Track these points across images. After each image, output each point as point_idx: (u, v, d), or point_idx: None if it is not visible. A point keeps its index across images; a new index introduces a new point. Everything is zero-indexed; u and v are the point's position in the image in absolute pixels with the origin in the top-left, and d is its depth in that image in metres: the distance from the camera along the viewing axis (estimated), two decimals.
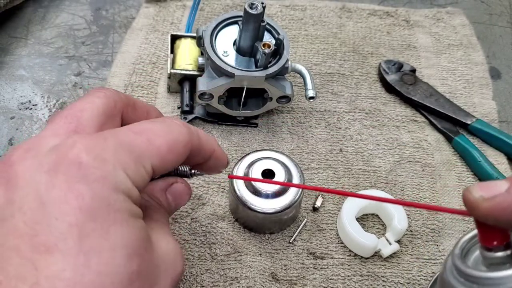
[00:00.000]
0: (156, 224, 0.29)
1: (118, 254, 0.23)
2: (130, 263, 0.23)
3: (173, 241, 0.29)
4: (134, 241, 0.24)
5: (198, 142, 0.31)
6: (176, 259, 0.27)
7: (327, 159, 0.52)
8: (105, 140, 0.25)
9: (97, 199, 0.23)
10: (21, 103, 0.56)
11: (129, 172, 0.25)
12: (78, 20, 0.65)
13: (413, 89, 0.58)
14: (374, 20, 0.66)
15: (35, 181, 0.24)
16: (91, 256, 0.22)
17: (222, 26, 0.50)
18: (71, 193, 0.23)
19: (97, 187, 0.23)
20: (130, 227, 0.24)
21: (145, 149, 0.27)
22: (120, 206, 0.24)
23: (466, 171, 0.52)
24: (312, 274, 0.45)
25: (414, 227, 0.48)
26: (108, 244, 0.23)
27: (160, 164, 0.28)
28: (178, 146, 0.29)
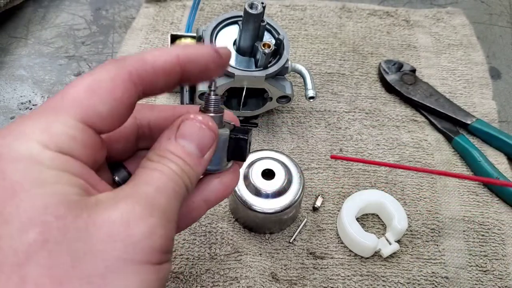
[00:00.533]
0: (123, 190, 0.25)
1: (11, 226, 0.22)
2: (26, 232, 0.22)
3: (129, 206, 0.24)
4: (33, 209, 0.22)
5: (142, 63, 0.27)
6: (128, 226, 0.23)
7: (327, 159, 0.52)
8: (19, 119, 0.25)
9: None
10: (21, 103, 0.56)
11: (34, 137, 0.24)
12: (78, 20, 0.65)
13: (413, 89, 0.58)
14: (374, 20, 0.66)
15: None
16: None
17: (222, 26, 0.50)
18: None
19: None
20: (30, 196, 0.22)
21: (57, 107, 0.25)
22: (18, 177, 0.23)
23: (466, 171, 0.52)
24: (312, 274, 0.45)
25: (414, 227, 0.48)
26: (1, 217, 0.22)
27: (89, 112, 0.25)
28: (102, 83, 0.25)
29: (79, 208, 0.23)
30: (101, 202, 0.24)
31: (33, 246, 0.21)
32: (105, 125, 0.26)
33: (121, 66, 0.26)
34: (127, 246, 0.23)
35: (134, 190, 0.25)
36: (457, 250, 0.47)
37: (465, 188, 0.51)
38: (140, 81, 0.26)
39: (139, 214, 0.24)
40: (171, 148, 0.27)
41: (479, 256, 0.46)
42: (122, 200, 0.24)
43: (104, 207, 0.24)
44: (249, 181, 0.44)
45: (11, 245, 0.21)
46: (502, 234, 0.48)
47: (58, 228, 0.22)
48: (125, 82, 0.26)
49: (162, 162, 0.27)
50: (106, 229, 0.23)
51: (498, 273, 0.45)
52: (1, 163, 0.23)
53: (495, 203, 0.50)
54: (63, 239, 0.22)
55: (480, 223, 0.48)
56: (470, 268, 0.46)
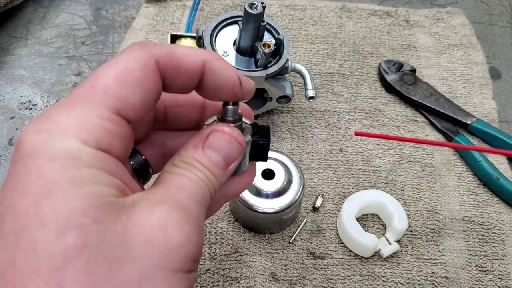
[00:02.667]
0: (156, 193, 0.25)
1: (47, 229, 0.21)
2: (63, 236, 0.21)
3: (166, 211, 0.24)
4: (71, 211, 0.21)
5: (170, 56, 0.26)
6: (166, 232, 0.23)
7: (327, 159, 0.52)
8: (48, 111, 0.24)
9: (30, 173, 0.22)
10: (21, 103, 0.56)
11: (72, 132, 0.23)
12: (78, 20, 0.65)
13: (413, 89, 0.58)
14: (374, 20, 0.66)
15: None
16: (20, 235, 0.21)
17: (222, 26, 0.50)
18: (10, 174, 0.23)
19: (29, 161, 0.22)
20: (67, 197, 0.21)
21: (90, 98, 0.24)
22: (55, 176, 0.22)
23: (466, 171, 0.52)
24: (312, 274, 0.45)
25: (414, 227, 0.48)
26: (36, 219, 0.21)
27: (121, 104, 0.24)
28: (133, 73, 0.24)
29: (117, 210, 0.23)
30: (137, 204, 0.24)
31: (71, 250, 0.21)
32: (137, 115, 0.25)
33: (149, 54, 0.25)
34: (163, 252, 0.22)
35: (168, 195, 0.25)
36: (457, 250, 0.47)
37: (465, 188, 0.51)
38: (163, 72, 0.26)
39: (176, 220, 0.23)
40: (198, 157, 0.27)
41: (479, 256, 0.46)
42: (158, 204, 0.24)
43: (141, 210, 0.23)
44: None
45: (48, 248, 0.21)
46: (502, 234, 0.48)
47: (97, 232, 0.21)
48: (154, 71, 0.25)
49: (189, 170, 0.26)
50: (144, 234, 0.22)
51: (498, 273, 0.45)
52: (37, 160, 0.22)
53: (495, 203, 0.50)
54: (101, 244, 0.21)
55: (480, 223, 0.48)
56: (470, 268, 0.46)
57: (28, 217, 0.21)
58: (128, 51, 0.25)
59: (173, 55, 0.26)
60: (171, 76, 0.26)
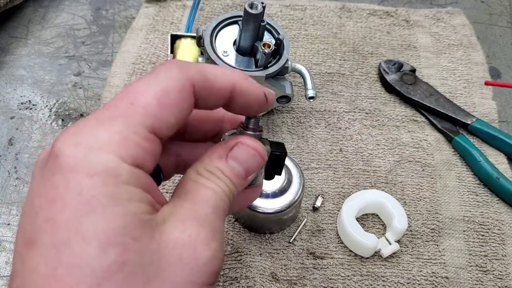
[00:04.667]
0: (183, 207, 0.26)
1: (89, 246, 0.22)
2: (105, 253, 0.22)
3: (195, 229, 0.25)
4: (112, 229, 0.22)
5: (204, 79, 0.27)
6: (195, 250, 0.24)
7: (327, 159, 0.52)
8: (85, 124, 0.24)
9: (70, 188, 0.22)
10: (21, 103, 0.56)
11: (111, 149, 0.23)
12: (78, 20, 0.65)
13: (413, 89, 0.58)
14: (374, 20, 0.66)
15: (33, 178, 0.25)
16: (61, 249, 0.22)
17: (222, 26, 0.50)
18: (48, 186, 0.23)
19: (70, 176, 0.23)
20: (108, 214, 0.22)
21: (130, 115, 0.24)
22: (95, 192, 0.22)
23: (466, 171, 0.52)
24: (312, 274, 0.45)
25: (414, 227, 0.48)
26: (78, 235, 0.22)
27: (158, 123, 0.25)
28: (172, 95, 0.25)
29: (151, 228, 0.24)
30: (167, 220, 0.25)
31: (112, 267, 0.22)
32: (170, 134, 0.26)
33: (186, 77, 0.26)
34: (193, 269, 0.24)
35: (195, 210, 0.26)
36: (457, 250, 0.47)
37: (465, 188, 0.51)
38: (197, 95, 0.27)
39: (204, 238, 0.25)
40: (222, 167, 0.28)
41: (479, 256, 0.46)
42: (187, 221, 0.25)
43: (173, 227, 0.25)
44: None
45: (90, 264, 0.21)
46: (502, 234, 0.48)
47: (136, 250, 0.22)
48: (190, 94, 0.26)
49: (213, 180, 0.28)
50: (176, 252, 0.24)
51: (498, 273, 0.45)
52: (77, 176, 0.23)
53: (495, 203, 0.50)
54: (139, 262, 0.22)
55: (480, 223, 0.48)
56: (470, 268, 0.46)
57: (69, 232, 0.22)
58: (166, 70, 0.26)
59: (207, 78, 0.27)
60: (204, 97, 0.27)
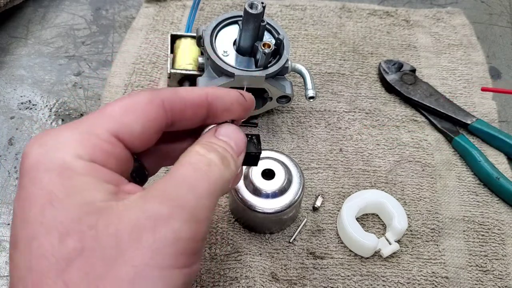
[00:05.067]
0: (155, 188, 0.26)
1: (51, 236, 0.24)
2: (65, 242, 0.24)
3: (156, 209, 0.25)
4: (69, 219, 0.24)
5: (175, 95, 0.29)
6: (155, 231, 0.24)
7: (327, 159, 0.52)
8: (54, 129, 0.27)
9: (34, 185, 0.25)
10: (21, 103, 0.56)
11: (71, 147, 0.26)
12: (78, 20, 0.65)
13: (413, 89, 0.58)
14: (374, 20, 0.66)
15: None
16: (31, 242, 0.24)
17: (222, 26, 0.50)
18: (20, 188, 0.26)
19: (34, 174, 0.25)
20: (64, 205, 0.24)
21: (95, 119, 0.27)
22: (53, 186, 0.25)
23: (466, 171, 0.52)
24: (312, 274, 0.45)
25: (414, 227, 0.48)
26: (42, 227, 0.24)
27: (122, 129, 0.27)
28: (138, 104, 0.28)
29: (109, 214, 0.25)
30: (130, 204, 0.25)
31: (72, 253, 0.23)
32: (135, 143, 0.28)
33: (156, 94, 0.29)
34: (153, 252, 0.24)
35: (165, 189, 0.26)
36: (457, 250, 0.47)
37: (465, 188, 0.51)
38: (170, 109, 0.29)
39: (166, 217, 0.25)
40: (213, 140, 0.30)
41: (479, 256, 0.46)
42: (150, 201, 0.25)
43: (134, 208, 0.25)
44: (249, 181, 0.44)
45: (54, 253, 0.23)
46: (502, 234, 0.48)
47: (92, 236, 0.24)
48: (159, 107, 0.28)
49: (202, 153, 0.29)
50: (134, 234, 0.24)
51: (498, 273, 0.45)
52: (38, 172, 0.25)
53: (495, 203, 0.50)
54: (97, 246, 0.24)
55: (480, 223, 0.48)
56: (470, 268, 0.46)
57: (36, 226, 0.24)
58: (139, 91, 0.29)
59: (177, 93, 0.30)
60: (179, 111, 0.30)
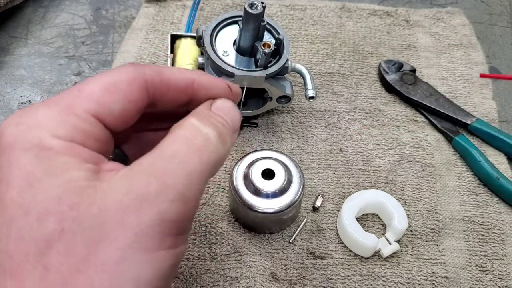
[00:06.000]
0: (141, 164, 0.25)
1: (30, 217, 0.22)
2: (43, 223, 0.22)
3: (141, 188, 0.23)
4: (48, 199, 0.23)
5: (159, 75, 0.28)
6: (139, 211, 0.23)
7: (327, 159, 0.52)
8: (30, 107, 0.26)
9: (12, 165, 0.23)
10: (21, 103, 0.56)
11: (48, 126, 0.24)
12: (78, 20, 0.65)
13: (413, 89, 0.58)
14: (374, 20, 0.66)
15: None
16: (10, 225, 0.23)
17: (222, 26, 0.50)
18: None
19: (10, 153, 0.24)
20: (44, 186, 0.23)
21: (74, 99, 0.26)
22: (31, 167, 0.23)
23: (466, 171, 0.52)
24: (312, 274, 0.45)
25: (414, 227, 0.48)
26: (21, 209, 0.23)
27: (101, 109, 0.26)
28: (119, 84, 0.26)
29: (91, 193, 0.23)
30: (113, 183, 0.24)
31: (51, 235, 0.22)
32: (115, 123, 0.27)
33: (140, 72, 0.27)
34: (137, 234, 0.23)
35: (152, 164, 0.25)
36: (457, 250, 0.47)
37: (465, 188, 0.51)
38: (152, 90, 0.28)
39: (152, 197, 0.23)
40: (209, 113, 0.28)
41: (479, 256, 0.46)
42: (135, 178, 0.24)
43: (118, 187, 0.23)
44: (249, 181, 0.44)
45: (32, 235, 0.22)
46: (502, 234, 0.48)
47: (73, 217, 0.22)
48: (141, 88, 0.27)
49: (197, 125, 0.27)
50: (118, 215, 0.23)
51: (498, 273, 0.45)
52: (15, 152, 0.24)
53: (495, 203, 0.50)
54: (78, 228, 0.22)
55: (480, 223, 0.48)
56: (470, 268, 0.46)
57: (14, 208, 0.23)
58: (121, 67, 0.27)
59: (162, 75, 0.28)
60: (161, 93, 0.28)
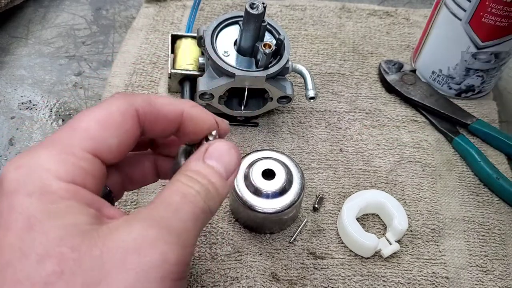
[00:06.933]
0: (140, 212, 0.26)
1: (28, 260, 0.22)
2: (42, 264, 0.22)
3: (142, 231, 0.24)
4: (49, 241, 0.23)
5: (149, 106, 0.28)
6: (140, 253, 0.23)
7: (327, 159, 0.52)
8: (29, 149, 0.26)
9: (13, 210, 0.23)
10: (22, 103, 0.56)
11: (50, 168, 0.24)
12: (79, 20, 0.65)
13: (413, 89, 0.58)
14: (374, 20, 0.66)
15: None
16: (6, 269, 0.22)
17: (223, 26, 0.50)
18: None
19: (12, 198, 0.24)
20: (45, 228, 0.23)
21: (69, 138, 0.26)
22: (33, 211, 0.23)
23: (466, 171, 0.52)
24: (313, 274, 0.45)
25: (415, 227, 0.48)
26: (20, 253, 0.22)
27: (98, 145, 0.26)
28: (112, 117, 0.27)
29: (93, 237, 0.23)
30: (115, 227, 0.24)
31: (50, 277, 0.22)
32: (111, 157, 0.27)
33: (131, 103, 0.27)
34: (138, 275, 0.23)
35: (151, 213, 0.25)
36: (457, 250, 0.47)
37: (466, 188, 0.51)
38: (143, 120, 0.28)
39: (152, 240, 0.24)
40: (199, 168, 0.28)
41: (480, 256, 0.46)
42: (136, 223, 0.24)
43: (120, 231, 0.24)
44: (249, 181, 0.44)
45: (30, 277, 0.22)
46: (503, 234, 0.48)
47: (74, 259, 0.22)
48: (133, 118, 0.27)
49: (187, 183, 0.27)
50: (119, 257, 0.23)
51: (498, 273, 0.45)
52: (17, 197, 0.24)
53: (495, 203, 0.50)
54: (78, 270, 0.22)
55: (480, 223, 0.48)
56: (470, 268, 0.46)
57: (12, 252, 0.22)
58: (111, 99, 0.28)
59: (152, 105, 0.28)
60: (150, 123, 0.29)
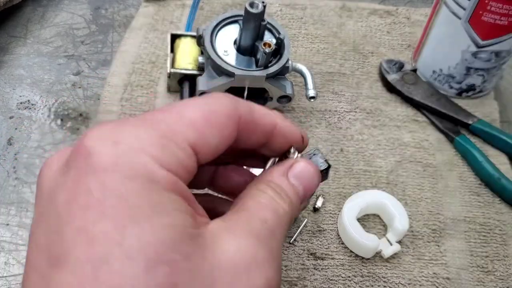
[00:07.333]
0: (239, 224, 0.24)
1: (134, 263, 0.19)
2: (153, 273, 0.19)
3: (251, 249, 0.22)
4: (160, 243, 0.19)
5: (250, 115, 0.26)
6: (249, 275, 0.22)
7: (328, 159, 0.52)
8: (124, 123, 0.22)
9: (107, 193, 0.19)
10: (20, 103, 0.56)
11: (153, 152, 0.21)
12: (77, 19, 0.65)
13: (414, 88, 0.57)
14: (375, 19, 0.66)
15: (50, 184, 0.22)
16: (99, 266, 0.19)
17: (223, 25, 0.50)
18: (78, 189, 0.20)
19: (106, 178, 0.20)
20: (155, 226, 0.19)
21: (174, 124, 0.23)
22: (139, 199, 0.20)
23: (467, 171, 0.52)
24: (313, 274, 0.44)
25: (416, 228, 0.48)
26: (121, 249, 0.19)
27: (200, 140, 0.24)
28: (219, 117, 0.24)
29: (201, 245, 0.21)
30: (219, 237, 0.22)
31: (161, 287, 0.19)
32: (206, 157, 0.25)
33: (235, 106, 0.26)
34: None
35: (252, 227, 0.24)
36: (458, 251, 0.46)
37: (467, 188, 0.51)
38: (241, 128, 0.26)
39: (260, 262, 0.23)
40: (284, 185, 0.27)
41: (481, 257, 0.46)
42: (243, 239, 0.23)
43: (226, 244, 0.22)
44: None
45: (134, 286, 0.18)
46: (504, 235, 0.48)
47: (187, 270, 0.20)
48: (235, 124, 0.26)
49: (276, 200, 0.26)
50: (230, 277, 0.21)
51: (499, 273, 0.45)
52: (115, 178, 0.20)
53: (496, 204, 0.50)
54: (192, 284, 0.20)
55: (481, 224, 0.48)
56: (471, 269, 0.45)
57: (109, 247, 0.19)
58: (216, 96, 0.26)
59: (253, 114, 0.27)
60: (247, 133, 0.27)
